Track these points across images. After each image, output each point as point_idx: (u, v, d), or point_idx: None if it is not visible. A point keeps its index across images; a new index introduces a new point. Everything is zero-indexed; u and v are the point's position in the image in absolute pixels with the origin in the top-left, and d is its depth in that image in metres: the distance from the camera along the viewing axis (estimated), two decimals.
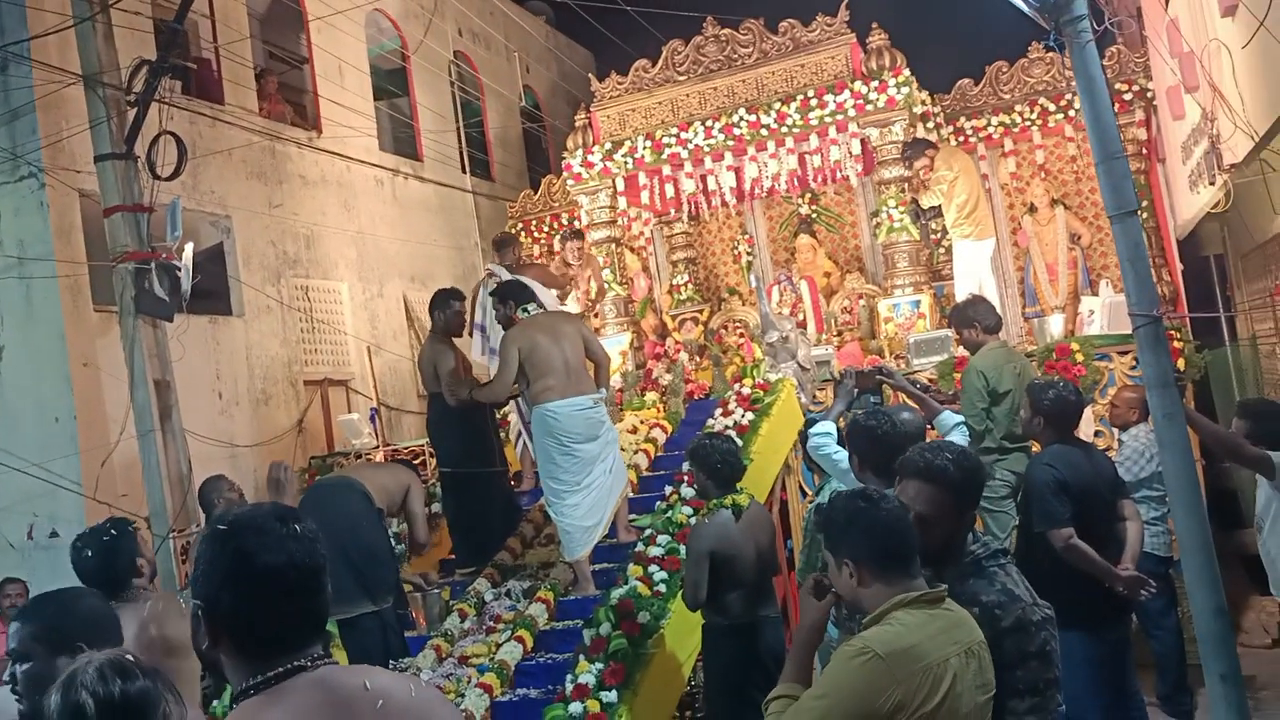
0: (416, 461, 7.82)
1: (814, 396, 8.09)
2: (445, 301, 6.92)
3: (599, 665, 5.13)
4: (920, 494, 2.71)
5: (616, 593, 5.61)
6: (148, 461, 7.09)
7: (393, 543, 6.08)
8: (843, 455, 4.37)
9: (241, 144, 9.57)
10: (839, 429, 4.62)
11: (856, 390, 4.80)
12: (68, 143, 7.66)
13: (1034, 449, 5.27)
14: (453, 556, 7.23)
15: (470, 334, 7.56)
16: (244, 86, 9.84)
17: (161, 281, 7.04)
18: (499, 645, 5.72)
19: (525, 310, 6.36)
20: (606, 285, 10.00)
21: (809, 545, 4.89)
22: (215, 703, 5.12)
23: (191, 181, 8.65)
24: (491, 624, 6.07)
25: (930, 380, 7.27)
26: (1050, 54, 9.19)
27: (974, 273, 8.92)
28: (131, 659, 2.03)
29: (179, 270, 7.11)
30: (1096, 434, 7.36)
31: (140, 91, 7.09)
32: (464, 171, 12.99)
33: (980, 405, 5.91)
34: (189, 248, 7.31)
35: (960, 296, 8.92)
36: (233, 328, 9.23)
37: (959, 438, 4.33)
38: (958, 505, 2.72)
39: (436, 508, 7.63)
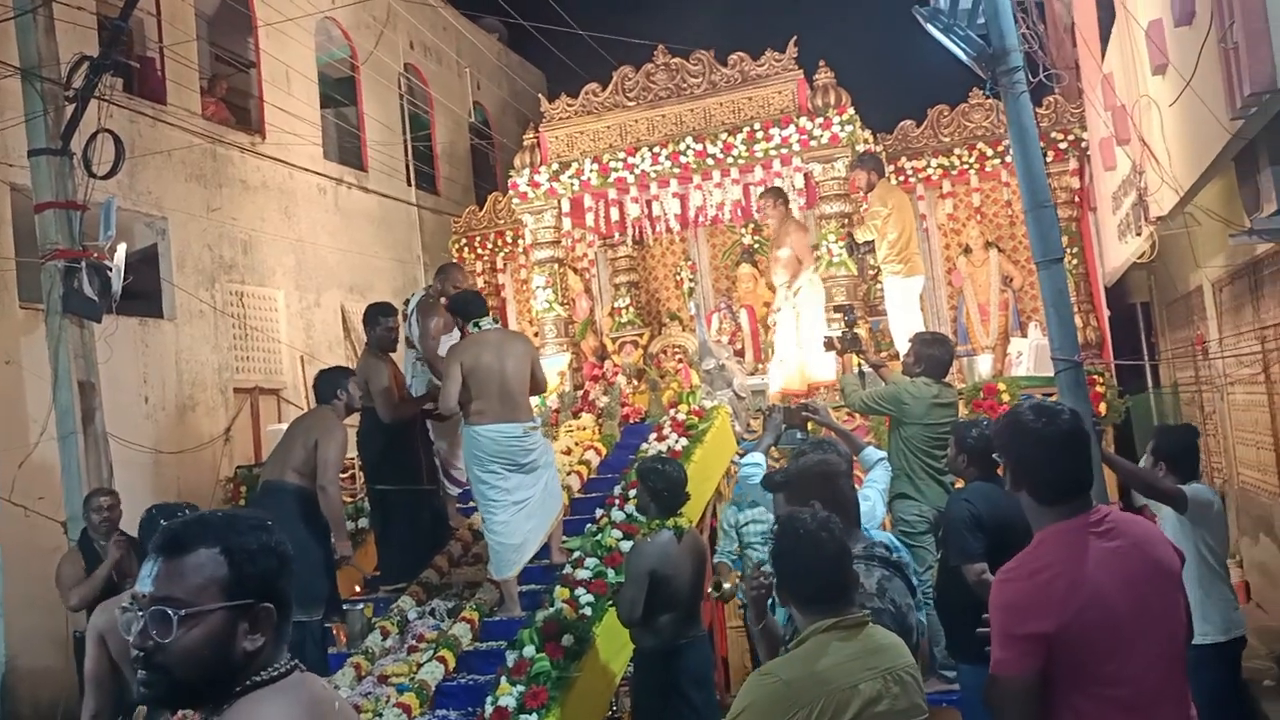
0: (344, 476, 7.66)
1: (748, 425, 8.15)
2: (376, 317, 6.85)
3: (520, 688, 5.10)
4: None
5: (542, 615, 5.59)
6: (68, 464, 6.93)
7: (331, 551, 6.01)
8: None
9: (182, 145, 9.43)
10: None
11: (784, 425, 4.86)
12: (1, 135, 7.50)
13: (957, 485, 5.37)
14: (378, 573, 7.14)
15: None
16: (187, 88, 9.70)
17: (91, 281, 6.90)
18: (420, 665, 5.66)
19: (477, 325, 6.26)
20: (548, 305, 9.97)
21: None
22: None
23: (128, 181, 8.51)
24: (414, 643, 6.00)
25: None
26: (990, 100, 9.40)
27: (903, 308, 9.04)
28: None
29: (110, 270, 6.98)
30: None
31: (80, 87, 6.97)
32: (409, 184, 12.93)
33: (877, 403, 6.17)
34: (122, 248, 7.18)
35: (895, 332, 9.05)
36: (163, 331, 9.07)
37: (881, 472, 4.42)
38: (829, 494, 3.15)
39: (364, 523, 7.56)
